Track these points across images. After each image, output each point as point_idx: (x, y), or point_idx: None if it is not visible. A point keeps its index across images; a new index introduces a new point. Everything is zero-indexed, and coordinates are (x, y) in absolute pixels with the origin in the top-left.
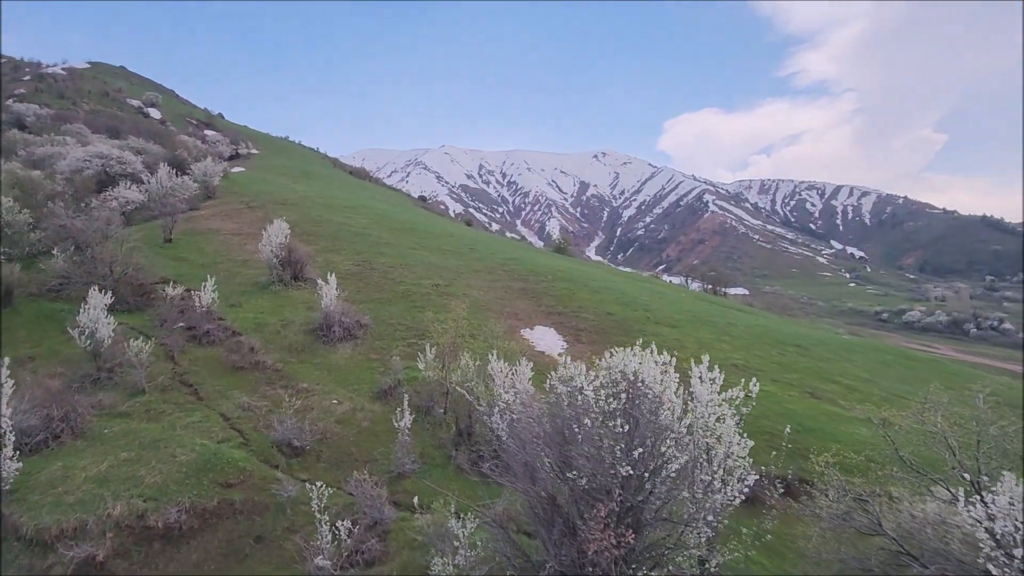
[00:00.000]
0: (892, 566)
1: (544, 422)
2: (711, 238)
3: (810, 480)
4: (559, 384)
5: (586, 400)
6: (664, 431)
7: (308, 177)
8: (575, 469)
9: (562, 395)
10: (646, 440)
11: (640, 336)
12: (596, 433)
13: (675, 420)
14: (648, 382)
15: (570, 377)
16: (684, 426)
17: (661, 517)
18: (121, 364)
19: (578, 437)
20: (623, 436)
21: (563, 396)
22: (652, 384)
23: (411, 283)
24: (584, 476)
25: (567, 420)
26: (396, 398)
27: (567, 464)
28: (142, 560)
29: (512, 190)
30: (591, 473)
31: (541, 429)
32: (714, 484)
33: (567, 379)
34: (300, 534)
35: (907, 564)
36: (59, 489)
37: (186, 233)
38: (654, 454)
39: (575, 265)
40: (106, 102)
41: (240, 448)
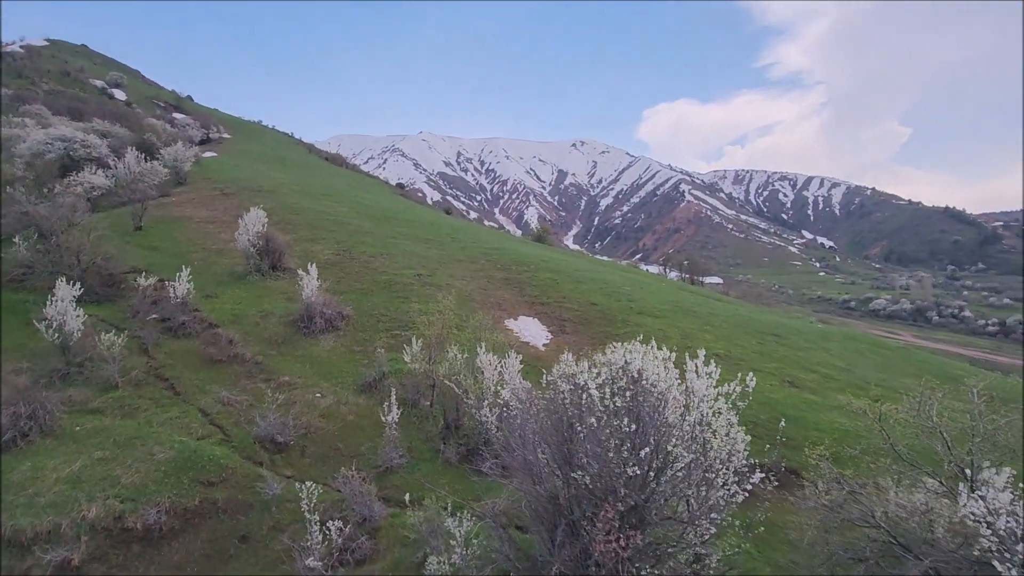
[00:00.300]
0: (886, 557)
1: (544, 419)
2: (687, 227)
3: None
4: (561, 381)
5: (590, 398)
6: (669, 429)
7: (283, 163)
8: (579, 468)
9: (564, 392)
10: (651, 439)
11: (624, 327)
12: (602, 432)
13: (679, 418)
14: (652, 379)
15: (572, 374)
16: (689, 424)
17: (664, 516)
18: (92, 358)
19: (580, 435)
20: (629, 435)
21: (565, 394)
22: (657, 381)
23: (393, 273)
24: (589, 476)
25: (569, 418)
26: (381, 391)
27: (569, 463)
28: (120, 563)
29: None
30: (596, 473)
31: (540, 426)
32: (716, 481)
33: (569, 376)
34: (287, 533)
35: (900, 556)
36: (30, 490)
37: (157, 221)
38: (660, 453)
39: (557, 255)
40: (67, 82)
41: (221, 445)
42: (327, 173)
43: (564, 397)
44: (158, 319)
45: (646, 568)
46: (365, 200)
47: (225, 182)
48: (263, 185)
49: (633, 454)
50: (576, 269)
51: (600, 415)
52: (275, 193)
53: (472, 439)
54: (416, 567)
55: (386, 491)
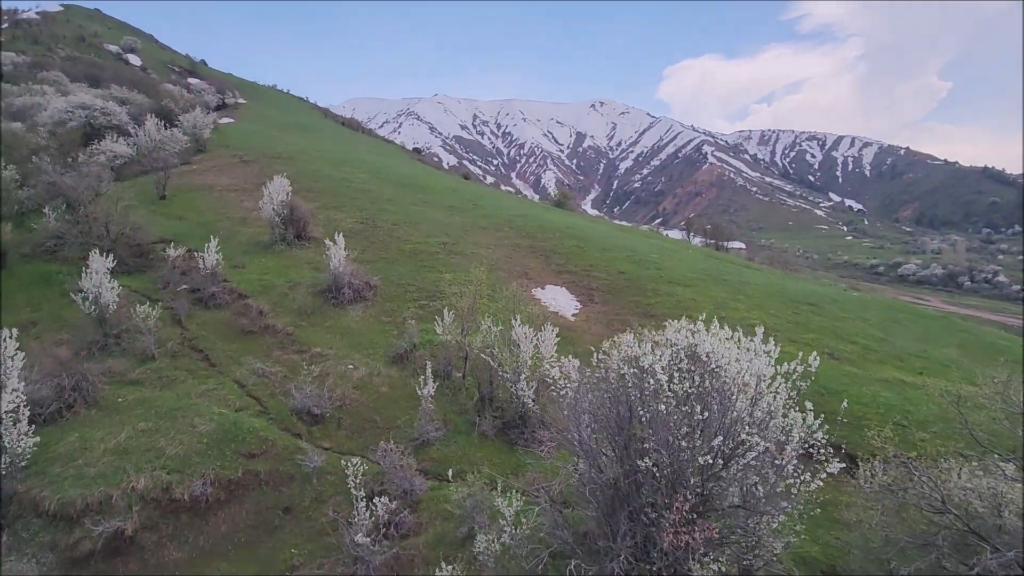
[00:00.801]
0: (959, 547)
1: (598, 401)
2: (708, 190)
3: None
4: (623, 364)
5: (658, 384)
6: (741, 416)
7: (300, 128)
8: (642, 455)
9: (626, 376)
10: (725, 427)
11: (655, 296)
12: (670, 419)
13: (749, 403)
14: (722, 363)
15: (635, 357)
16: (762, 410)
17: (733, 504)
18: (128, 330)
19: (643, 420)
20: (701, 423)
21: (627, 377)
22: (728, 366)
23: (417, 241)
24: (656, 464)
25: (630, 402)
26: (413, 362)
27: (627, 448)
28: (170, 533)
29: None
30: (667, 462)
31: (594, 408)
32: (786, 468)
33: (632, 359)
34: (329, 504)
35: (975, 545)
36: (79, 462)
37: (180, 189)
38: (732, 441)
39: (582, 221)
40: (83, 48)
41: (259, 417)
42: (344, 138)
43: (626, 380)
44: (188, 290)
45: (711, 555)
46: (384, 166)
47: (244, 149)
48: (282, 152)
49: (705, 442)
50: (601, 236)
51: (669, 401)
52: (294, 160)
53: (507, 412)
54: (460, 542)
55: (424, 464)
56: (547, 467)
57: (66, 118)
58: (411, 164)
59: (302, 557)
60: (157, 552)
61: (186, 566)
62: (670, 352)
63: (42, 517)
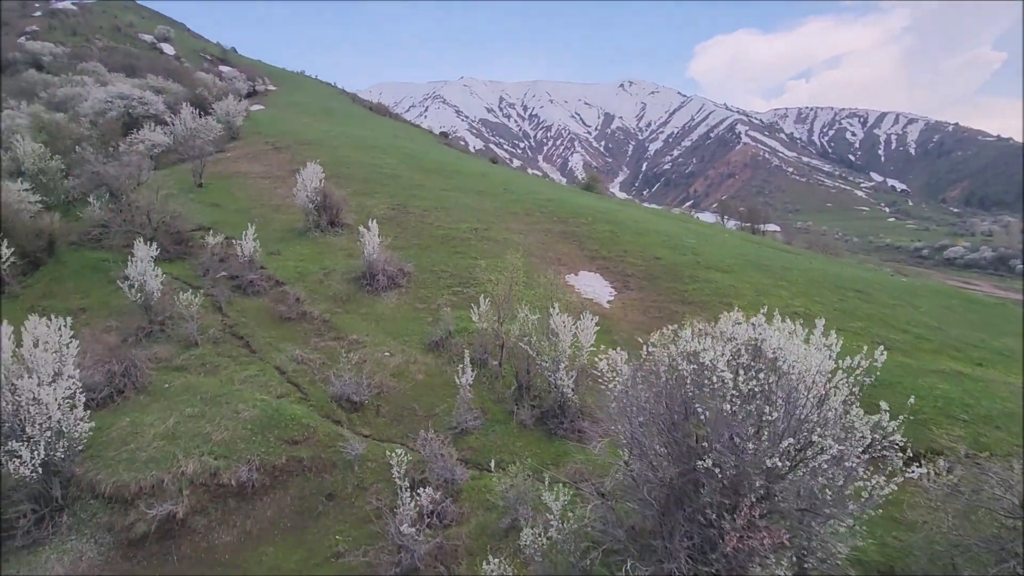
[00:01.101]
0: None
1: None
2: (742, 171)
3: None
4: (680, 359)
5: (721, 382)
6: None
7: (329, 114)
8: (701, 455)
9: (684, 372)
10: (792, 427)
11: (692, 283)
12: (735, 419)
13: (818, 403)
14: (791, 360)
15: (695, 352)
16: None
17: (800, 508)
18: (172, 316)
19: (702, 418)
20: (769, 424)
21: (685, 373)
22: (797, 363)
23: (449, 227)
24: (718, 465)
25: (687, 399)
26: (449, 350)
27: (680, 446)
28: (219, 517)
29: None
30: (731, 463)
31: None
32: (857, 471)
33: (691, 354)
34: (371, 491)
35: None
36: (131, 446)
37: (215, 177)
38: (802, 442)
39: (613, 205)
40: (119, 38)
41: (300, 403)
42: (372, 123)
43: (683, 376)
44: (227, 277)
45: (771, 558)
46: (413, 151)
47: (276, 136)
48: (312, 138)
49: (773, 444)
50: (634, 220)
51: (734, 399)
52: (325, 146)
53: (545, 401)
54: (503, 533)
55: (463, 453)
56: (589, 458)
57: (106, 108)
58: (439, 149)
59: (346, 544)
60: (207, 535)
61: (235, 549)
62: (731, 347)
63: (99, 499)
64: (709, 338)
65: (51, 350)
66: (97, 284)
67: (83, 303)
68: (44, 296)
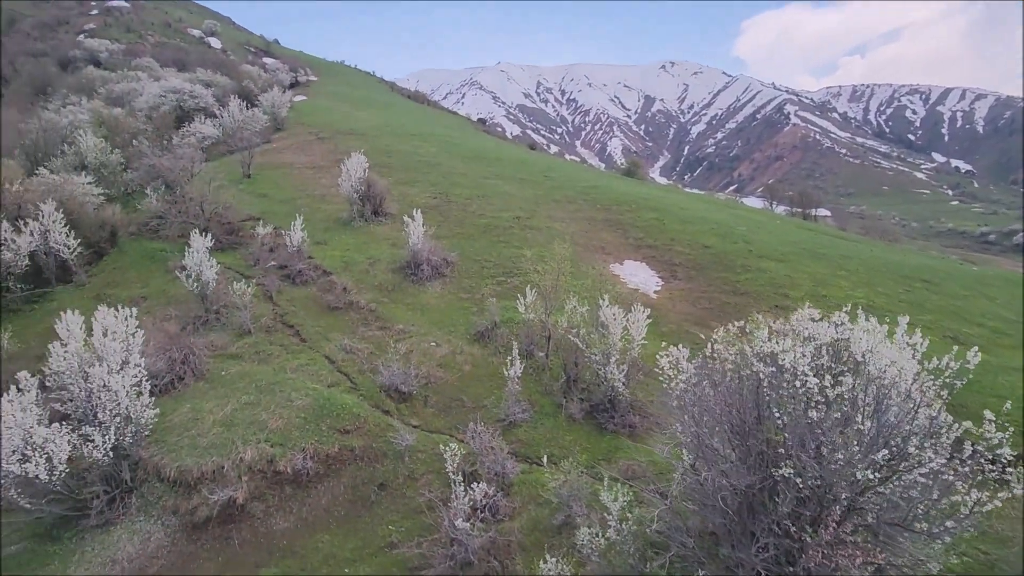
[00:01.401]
0: None
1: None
2: (791, 154)
3: None
4: (756, 361)
5: (806, 387)
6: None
7: (369, 104)
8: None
9: (759, 374)
10: (884, 437)
11: (744, 272)
12: (820, 427)
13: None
14: (882, 364)
15: (772, 353)
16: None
17: (892, 522)
18: (226, 305)
19: (781, 424)
20: (862, 434)
21: (762, 375)
22: (888, 368)
23: (491, 216)
24: (800, 474)
25: (760, 402)
26: (495, 340)
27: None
28: (276, 504)
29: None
30: (816, 474)
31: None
32: (956, 485)
33: (769, 356)
34: (422, 482)
35: None
36: (192, 432)
37: (262, 167)
38: (898, 454)
39: (657, 192)
40: (169, 33)
41: (350, 393)
42: (411, 111)
43: (757, 378)
44: (277, 266)
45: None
46: (452, 138)
47: (319, 126)
48: (354, 128)
49: (865, 455)
50: (680, 207)
51: (819, 406)
52: (366, 135)
53: (594, 395)
54: (556, 529)
55: (512, 446)
56: (645, 455)
57: (160, 102)
58: (477, 136)
59: (399, 535)
60: (265, 521)
61: (291, 536)
62: (811, 348)
63: (164, 482)
64: (788, 338)
65: (119, 339)
66: (156, 273)
67: (143, 292)
68: (108, 285)
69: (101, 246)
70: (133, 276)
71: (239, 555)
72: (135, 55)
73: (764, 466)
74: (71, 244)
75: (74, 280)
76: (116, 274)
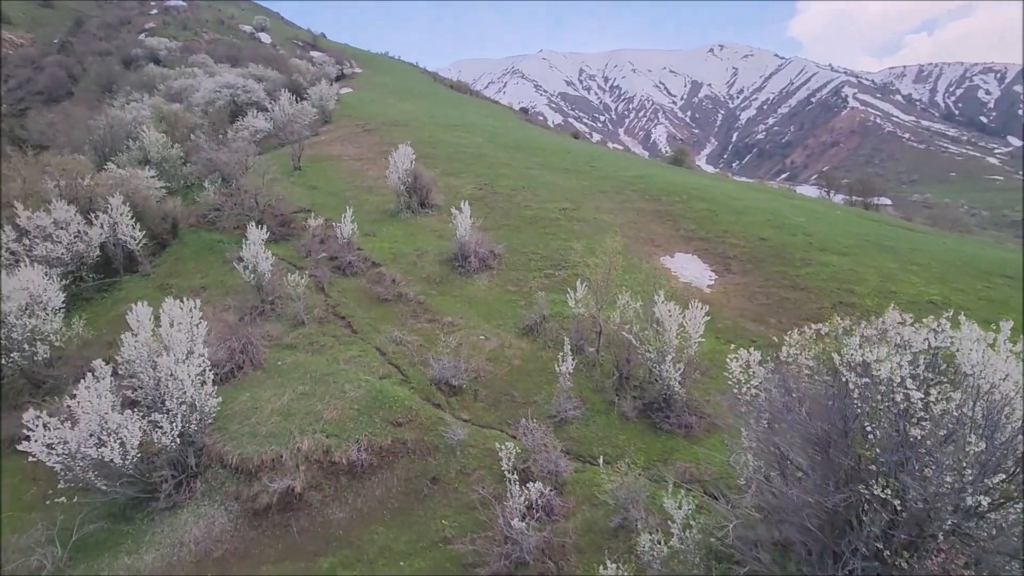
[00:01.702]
0: None
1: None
2: (848, 139)
3: None
4: (844, 370)
5: (909, 402)
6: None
7: (412, 95)
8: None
9: (850, 384)
10: (999, 458)
11: (804, 266)
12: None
13: None
14: (997, 379)
15: (865, 363)
16: None
17: (1006, 553)
18: (280, 296)
19: (872, 438)
20: (975, 456)
21: (852, 386)
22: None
23: (537, 207)
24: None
25: (848, 415)
26: (544, 334)
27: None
28: (333, 494)
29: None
30: (919, 496)
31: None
32: None
33: (860, 365)
34: (473, 477)
35: None
36: (252, 420)
37: (311, 159)
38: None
39: (708, 181)
40: (222, 30)
41: (401, 385)
42: (453, 102)
43: (847, 389)
44: (327, 258)
45: None
46: (495, 128)
47: (365, 118)
48: (398, 119)
49: (980, 479)
50: (732, 197)
51: (923, 422)
52: (410, 126)
53: (648, 393)
54: (612, 532)
55: (564, 443)
56: (686, 449)
57: (215, 97)
58: (520, 125)
59: (453, 530)
60: (322, 510)
61: (347, 526)
62: (908, 358)
63: (226, 469)
64: (884, 347)
65: (184, 330)
66: (214, 264)
67: (203, 282)
68: (170, 275)
69: (163, 237)
70: (193, 267)
71: (298, 543)
72: (191, 52)
73: (849, 482)
74: (137, 235)
75: (140, 270)
76: (177, 264)
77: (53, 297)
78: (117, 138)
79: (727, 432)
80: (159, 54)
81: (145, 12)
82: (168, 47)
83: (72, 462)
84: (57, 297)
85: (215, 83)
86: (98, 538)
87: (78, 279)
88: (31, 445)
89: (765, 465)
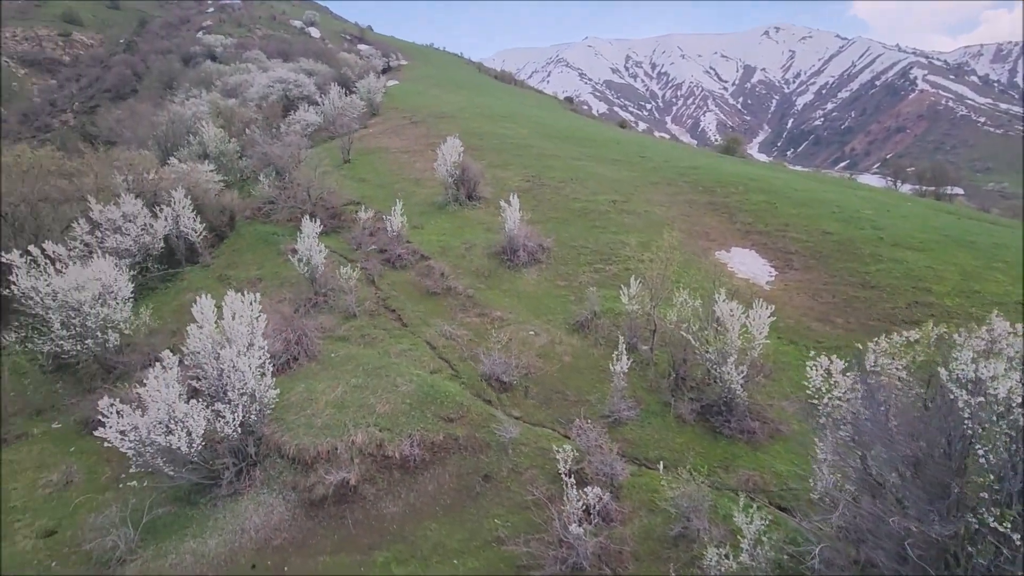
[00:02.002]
0: None
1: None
2: (915, 124)
3: None
4: (953, 387)
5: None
6: None
7: (457, 85)
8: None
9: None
10: None
11: (875, 263)
12: None
13: None
14: None
15: (975, 379)
16: None
17: None
18: (333, 288)
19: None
20: None
21: (961, 404)
22: None
23: (585, 200)
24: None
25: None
26: (594, 331)
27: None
28: (386, 487)
29: (662, 82)
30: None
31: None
32: None
33: (970, 382)
34: (525, 476)
35: None
36: (307, 411)
37: (360, 152)
38: None
39: (765, 171)
40: (274, 25)
41: (452, 380)
42: (498, 92)
43: (955, 406)
44: (377, 250)
45: None
46: (541, 119)
47: (411, 110)
48: (445, 111)
49: None
50: (792, 188)
51: None
52: (456, 118)
53: (707, 395)
54: (671, 541)
55: (619, 445)
56: (747, 456)
57: (268, 92)
58: (566, 115)
59: (506, 530)
60: (376, 504)
61: (401, 521)
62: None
63: (284, 459)
64: (999, 361)
65: (245, 322)
66: (269, 256)
67: (259, 273)
68: (228, 266)
69: (222, 229)
70: (249, 258)
71: (353, 536)
72: (245, 48)
73: (961, 511)
74: (198, 228)
75: (200, 261)
76: (235, 256)
77: (123, 287)
78: (178, 133)
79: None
80: (216, 51)
81: (203, 11)
82: (224, 44)
83: (143, 448)
84: (127, 287)
85: (268, 78)
86: (166, 520)
87: (144, 270)
88: (106, 432)
89: (849, 482)
